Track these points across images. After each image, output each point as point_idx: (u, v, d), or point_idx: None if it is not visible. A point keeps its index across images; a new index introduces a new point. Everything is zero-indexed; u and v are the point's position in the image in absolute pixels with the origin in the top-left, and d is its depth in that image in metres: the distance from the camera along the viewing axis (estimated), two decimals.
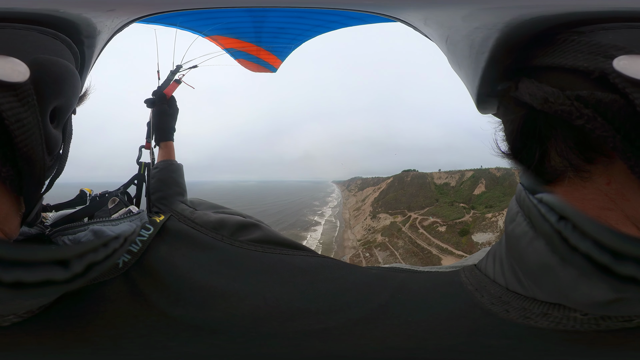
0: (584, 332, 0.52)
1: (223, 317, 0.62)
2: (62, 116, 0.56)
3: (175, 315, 0.62)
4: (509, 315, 0.56)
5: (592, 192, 0.50)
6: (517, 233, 0.55)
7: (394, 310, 0.61)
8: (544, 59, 0.50)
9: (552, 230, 0.46)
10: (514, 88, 0.53)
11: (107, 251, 0.54)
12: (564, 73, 0.46)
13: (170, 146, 1.27)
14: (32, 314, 0.58)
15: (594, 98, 0.41)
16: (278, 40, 1.75)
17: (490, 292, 0.60)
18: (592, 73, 0.42)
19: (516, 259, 0.57)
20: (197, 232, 0.81)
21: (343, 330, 0.59)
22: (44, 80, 0.48)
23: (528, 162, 0.56)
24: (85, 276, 0.49)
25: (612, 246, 0.40)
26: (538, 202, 0.51)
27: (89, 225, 0.71)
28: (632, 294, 0.42)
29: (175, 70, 1.43)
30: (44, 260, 0.45)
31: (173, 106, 1.34)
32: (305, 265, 0.73)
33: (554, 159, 0.52)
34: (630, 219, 0.48)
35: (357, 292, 0.65)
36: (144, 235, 0.75)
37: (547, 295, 0.54)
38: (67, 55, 0.58)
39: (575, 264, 0.43)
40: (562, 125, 0.48)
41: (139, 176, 1.15)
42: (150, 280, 0.66)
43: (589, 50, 0.44)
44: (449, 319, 0.58)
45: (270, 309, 0.63)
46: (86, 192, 0.97)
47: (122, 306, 0.63)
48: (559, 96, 0.44)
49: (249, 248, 0.77)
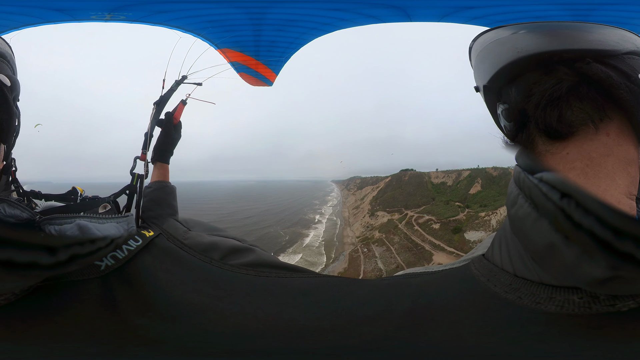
0: (580, 315, 0.54)
1: (194, 332, 0.61)
2: (16, 100, 0.79)
3: (134, 324, 0.61)
4: (522, 302, 0.57)
5: (596, 143, 0.62)
6: (520, 215, 0.58)
7: (425, 314, 0.60)
8: (610, 60, 0.64)
9: (555, 208, 0.49)
10: (586, 63, 0.64)
11: (92, 247, 0.57)
12: (618, 71, 0.62)
13: (166, 168, 1.28)
14: (9, 301, 0.60)
15: (630, 86, 0.60)
16: (271, 53, 1.77)
17: (501, 281, 0.62)
18: (631, 76, 0.61)
19: (522, 241, 0.60)
20: (184, 253, 0.81)
21: (381, 343, 0.57)
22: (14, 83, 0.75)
23: (550, 120, 0.64)
24: (66, 266, 0.52)
25: (613, 223, 0.43)
26: (539, 181, 0.54)
27: (75, 218, 0.71)
28: (625, 272, 0.45)
29: (180, 80, 1.39)
30: (35, 244, 0.48)
31: (178, 132, 1.35)
32: (306, 286, 0.71)
33: (578, 115, 0.63)
34: (622, 162, 0.61)
35: (374, 304, 0.64)
36: (131, 245, 0.76)
37: (555, 276, 0.56)
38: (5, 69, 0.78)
39: (579, 240, 0.46)
40: (595, 92, 0.63)
41: (131, 187, 1.12)
42: (127, 288, 0.66)
43: (623, 67, 0.63)
44: (477, 316, 0.58)
45: (263, 326, 0.61)
46: (77, 190, 0.99)
47: (88, 307, 0.62)
48: (617, 78, 0.61)
49: (240, 271, 0.76)
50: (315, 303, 0.66)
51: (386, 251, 60.58)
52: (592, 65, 0.62)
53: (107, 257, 0.71)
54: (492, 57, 0.75)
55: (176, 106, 1.37)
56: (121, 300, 0.63)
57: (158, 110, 1.31)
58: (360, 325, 0.59)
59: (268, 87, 1.98)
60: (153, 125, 1.27)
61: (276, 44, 1.70)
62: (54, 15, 1.36)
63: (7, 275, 0.47)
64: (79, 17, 1.39)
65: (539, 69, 0.66)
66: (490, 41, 0.79)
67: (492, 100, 0.77)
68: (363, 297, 0.65)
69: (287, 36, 1.65)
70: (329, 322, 0.61)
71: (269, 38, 1.65)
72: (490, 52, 0.77)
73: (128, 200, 1.11)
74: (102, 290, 0.65)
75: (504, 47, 0.73)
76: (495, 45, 0.77)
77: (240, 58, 1.75)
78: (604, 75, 0.60)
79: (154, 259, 0.75)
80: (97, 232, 0.71)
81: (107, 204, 0.96)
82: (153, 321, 0.61)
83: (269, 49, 1.72)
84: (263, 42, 1.68)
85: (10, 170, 0.83)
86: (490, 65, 0.75)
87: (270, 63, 1.84)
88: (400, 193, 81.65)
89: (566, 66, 0.64)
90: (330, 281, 0.72)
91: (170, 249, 0.80)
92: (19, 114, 0.81)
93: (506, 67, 0.70)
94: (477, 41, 0.84)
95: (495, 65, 0.73)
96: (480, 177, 74.88)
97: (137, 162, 1.20)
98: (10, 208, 0.70)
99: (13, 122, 0.76)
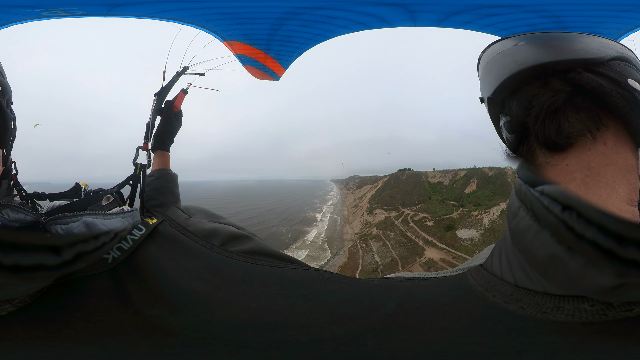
0: (598, 322, 0.52)
1: (196, 322, 0.61)
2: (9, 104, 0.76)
3: (149, 315, 0.61)
4: (525, 312, 0.55)
5: (594, 153, 0.62)
6: (522, 227, 0.57)
7: (406, 319, 0.59)
8: (598, 68, 0.66)
9: (557, 220, 0.49)
10: (577, 73, 0.65)
11: (96, 243, 0.57)
12: (607, 79, 0.65)
13: (167, 156, 1.27)
14: (25, 303, 0.59)
15: (622, 92, 0.62)
16: (284, 48, 1.76)
17: (501, 291, 0.60)
18: (620, 82, 0.64)
19: (523, 253, 0.58)
20: (187, 239, 0.81)
21: (346, 341, 0.57)
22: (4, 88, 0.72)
23: (549, 132, 0.65)
24: (73, 264, 0.52)
25: (615, 230, 0.43)
26: (540, 194, 0.53)
27: (82, 216, 0.71)
28: (633, 278, 0.44)
29: (181, 71, 1.38)
30: (39, 246, 0.48)
31: (179, 120, 1.33)
32: (299, 278, 0.72)
33: (576, 126, 0.63)
34: (622, 170, 0.62)
35: (357, 303, 0.64)
36: (135, 235, 0.76)
37: (559, 286, 0.54)
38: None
39: (583, 252, 0.46)
40: (589, 103, 0.64)
41: (134, 177, 1.11)
42: (136, 279, 0.66)
43: (612, 74, 0.65)
44: (469, 323, 0.56)
45: (251, 317, 0.62)
46: (81, 186, 0.97)
47: (104, 301, 0.62)
48: (608, 86, 0.63)
49: (239, 258, 0.77)
50: (303, 296, 0.67)
51: (383, 246, 61.93)
52: (583, 75, 0.64)
53: (113, 249, 0.71)
54: (497, 69, 0.77)
55: (177, 94, 1.36)
56: (132, 292, 0.64)
57: (159, 101, 1.32)
58: (337, 322, 0.60)
59: (274, 81, 2.02)
60: (154, 116, 1.27)
61: (292, 39, 1.69)
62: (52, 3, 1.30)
63: (16, 280, 0.47)
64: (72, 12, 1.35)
65: (537, 81, 0.69)
66: (496, 53, 0.81)
67: (495, 112, 0.79)
68: (350, 294, 0.66)
69: (307, 32, 1.64)
70: (308, 317, 0.61)
71: (287, 33, 1.64)
72: (495, 64, 0.79)
73: (132, 190, 1.10)
74: (113, 283, 0.65)
75: (507, 59, 0.76)
76: (500, 57, 0.79)
77: (248, 51, 1.75)
78: (595, 84, 0.63)
79: (158, 248, 0.75)
80: (104, 227, 0.72)
81: (110, 195, 0.96)
82: (163, 312, 0.62)
83: (283, 43, 1.71)
84: (279, 36, 1.66)
85: (11, 174, 0.80)
86: (494, 77, 0.76)
87: (281, 57, 1.83)
88: (397, 192, 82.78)
89: (559, 77, 0.67)
90: (322, 275, 0.72)
91: (173, 235, 0.82)
92: (14, 117, 0.82)
93: (508, 80, 0.72)
94: (486, 52, 0.86)
95: (499, 78, 0.75)
96: (476, 177, 75.92)
97: (139, 152, 1.20)
98: (14, 212, 0.68)
99: (9, 125, 0.75)
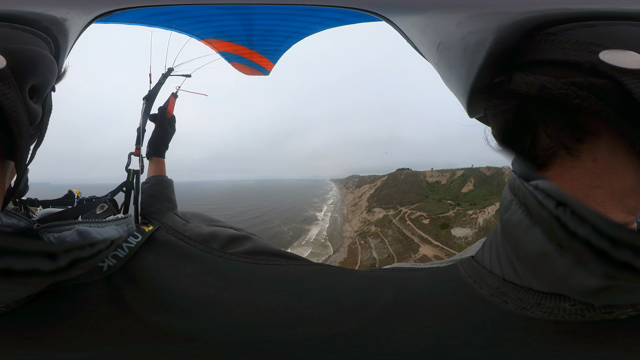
0: (570, 322, 0.51)
1: (208, 326, 0.60)
2: (40, 93, 0.59)
3: (152, 321, 0.60)
4: (507, 307, 0.55)
5: (580, 172, 0.52)
6: (513, 221, 0.55)
7: (403, 310, 0.59)
8: (534, 56, 0.52)
9: (550, 216, 0.47)
10: (507, 81, 0.55)
11: (92, 250, 0.56)
12: (555, 66, 0.50)
13: (162, 162, 1.26)
14: (10, 308, 0.58)
15: (587, 82, 0.46)
16: (268, 42, 1.70)
17: (488, 283, 0.59)
18: (584, 65, 0.47)
19: (513, 247, 0.56)
20: (185, 244, 0.79)
21: (360, 334, 0.57)
22: (19, 64, 0.52)
23: (520, 148, 0.57)
24: (68, 271, 0.51)
25: (610, 233, 0.41)
26: (534, 188, 0.51)
27: (75, 224, 0.68)
28: (621, 281, 0.43)
29: (166, 73, 1.36)
30: (34, 251, 0.48)
31: (172, 125, 1.31)
32: (300, 274, 0.71)
33: (545, 141, 0.53)
34: (616, 194, 0.50)
35: (360, 295, 0.63)
36: (131, 242, 0.74)
37: (545, 283, 0.53)
38: (38, 43, 0.60)
39: (573, 250, 0.44)
40: (552, 110, 0.52)
41: (128, 183, 1.08)
42: (134, 286, 0.65)
43: (574, 47, 0.49)
44: (455, 315, 0.56)
45: (264, 317, 0.61)
46: (74, 194, 0.95)
47: (99, 309, 0.60)
48: (556, 83, 0.48)
49: (240, 260, 0.75)
50: (307, 291, 0.66)
51: (380, 242, 63.59)
52: (514, 80, 0.53)
53: (109, 258, 0.69)
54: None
55: (167, 100, 1.33)
56: (130, 299, 0.62)
57: (148, 104, 1.28)
58: (345, 315, 0.60)
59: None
60: (145, 120, 1.24)
61: (274, 33, 1.63)
62: None
63: (8, 284, 0.46)
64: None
65: (481, 95, 0.62)
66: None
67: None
68: (350, 287, 0.66)
69: (288, 26, 1.58)
70: (318, 312, 0.61)
71: (264, 27, 1.59)
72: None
73: (126, 197, 1.06)
74: (108, 290, 0.63)
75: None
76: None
77: (231, 48, 1.69)
78: (534, 89, 0.50)
79: (155, 255, 0.74)
80: (98, 235, 0.70)
81: (104, 203, 0.93)
82: (168, 318, 0.60)
83: (265, 38, 1.65)
84: (257, 31, 1.60)
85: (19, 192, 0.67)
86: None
87: (267, 52, 1.77)
88: (396, 191, 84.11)
89: (490, 89, 0.59)
90: (321, 270, 0.72)
91: (170, 241, 0.80)
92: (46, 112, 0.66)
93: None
94: None
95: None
96: (473, 177, 77.05)
97: (131, 158, 1.16)
98: (7, 217, 0.66)
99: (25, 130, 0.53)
